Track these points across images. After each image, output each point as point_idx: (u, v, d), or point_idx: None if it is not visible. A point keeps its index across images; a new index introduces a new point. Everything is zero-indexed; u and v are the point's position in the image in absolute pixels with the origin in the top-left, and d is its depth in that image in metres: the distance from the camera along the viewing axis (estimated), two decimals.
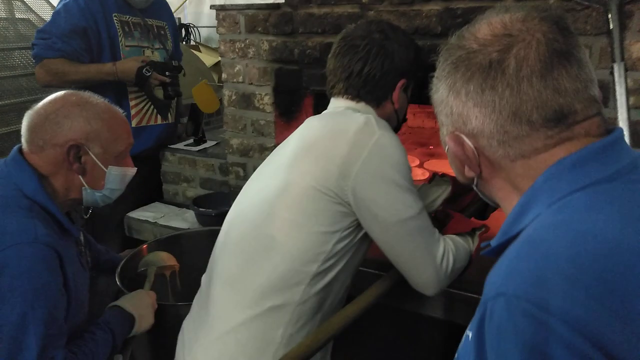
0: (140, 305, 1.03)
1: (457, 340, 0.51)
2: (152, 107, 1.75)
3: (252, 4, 1.28)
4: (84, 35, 1.57)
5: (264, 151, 1.39)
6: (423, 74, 1.02)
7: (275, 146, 1.36)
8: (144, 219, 1.57)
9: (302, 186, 0.83)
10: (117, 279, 1.12)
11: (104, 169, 0.96)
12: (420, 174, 1.86)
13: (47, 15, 2.21)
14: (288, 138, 0.99)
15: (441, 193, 1.09)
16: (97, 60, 1.61)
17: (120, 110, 1.01)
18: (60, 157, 0.92)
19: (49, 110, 0.93)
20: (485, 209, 1.13)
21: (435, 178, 1.13)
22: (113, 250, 1.28)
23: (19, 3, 2.05)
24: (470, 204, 1.11)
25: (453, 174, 0.68)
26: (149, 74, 1.55)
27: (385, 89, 0.94)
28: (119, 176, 0.99)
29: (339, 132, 0.85)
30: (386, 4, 1.13)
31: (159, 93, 1.70)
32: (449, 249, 0.87)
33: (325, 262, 0.83)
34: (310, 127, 0.93)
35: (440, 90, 0.54)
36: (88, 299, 1.00)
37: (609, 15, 0.92)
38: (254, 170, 1.42)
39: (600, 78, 0.97)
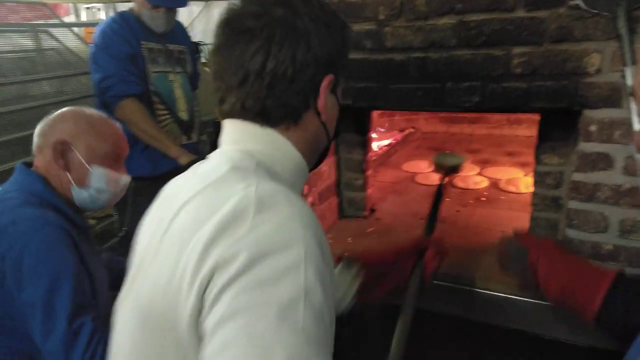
0: None
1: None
2: (177, 127, 1.83)
3: None
4: (133, 61, 1.66)
5: None
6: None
7: None
8: None
9: None
10: None
11: (88, 167, 1.06)
12: (437, 179, 1.90)
13: (71, 43, 2.31)
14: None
15: (351, 280, 0.87)
16: None
17: (117, 124, 1.14)
18: (51, 155, 1.05)
19: (50, 118, 1.09)
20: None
21: (343, 261, 0.89)
22: None
23: (44, 35, 2.15)
24: (396, 286, 0.94)
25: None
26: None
27: (304, 94, 0.64)
28: (103, 177, 1.08)
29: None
30: (402, 20, 1.19)
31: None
32: None
33: None
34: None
35: None
36: (109, 297, 1.07)
37: (618, 22, 0.96)
38: None
39: (613, 81, 1.02)
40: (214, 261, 0.50)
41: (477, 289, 1.17)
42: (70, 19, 3.84)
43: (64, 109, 1.12)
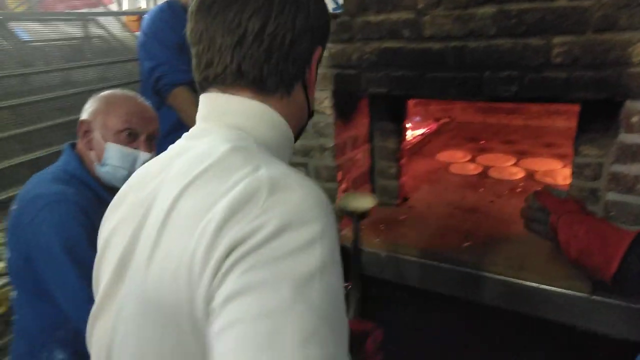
0: None
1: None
2: None
3: None
4: (181, 50, 1.71)
5: (324, 151, 1.47)
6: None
7: (334, 147, 1.45)
8: None
9: None
10: None
11: (103, 143, 1.13)
12: (473, 169, 1.90)
13: (116, 31, 2.40)
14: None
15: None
16: None
17: (140, 98, 1.20)
18: (79, 135, 1.15)
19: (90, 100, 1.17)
20: None
21: None
22: None
23: (92, 24, 2.25)
24: None
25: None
26: None
27: (299, 63, 0.63)
28: (117, 152, 1.13)
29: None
30: (441, 8, 1.19)
31: None
32: None
33: None
34: None
35: None
36: None
37: None
38: (315, 170, 1.52)
39: None
40: (230, 241, 0.48)
41: (509, 278, 1.18)
42: (113, 7, 3.96)
43: (98, 94, 1.19)
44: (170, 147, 0.66)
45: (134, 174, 0.69)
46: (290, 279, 0.46)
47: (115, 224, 0.65)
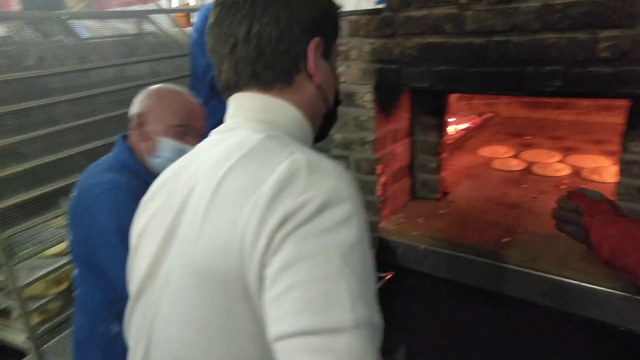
0: None
1: None
2: None
3: (355, 10, 1.40)
4: None
5: (365, 144, 1.50)
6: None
7: (374, 140, 1.47)
8: None
9: None
10: None
11: (157, 137, 1.19)
12: (516, 165, 1.87)
13: (167, 27, 2.51)
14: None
15: None
16: None
17: (190, 95, 1.26)
18: (133, 128, 1.22)
19: (142, 93, 1.25)
20: None
21: None
22: None
23: (145, 20, 2.35)
24: None
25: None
26: None
27: (292, 56, 0.69)
28: (170, 147, 1.19)
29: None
30: (484, 3, 1.18)
31: None
32: None
33: None
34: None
35: None
36: None
37: None
38: (355, 163, 1.55)
39: None
40: (280, 215, 0.54)
41: (549, 275, 1.17)
42: (162, 3, 4.10)
43: (150, 87, 1.26)
44: (201, 142, 0.74)
45: (163, 172, 0.76)
46: (337, 248, 0.53)
47: (151, 214, 0.72)
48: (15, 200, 1.70)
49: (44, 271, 1.77)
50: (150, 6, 2.75)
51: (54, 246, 1.85)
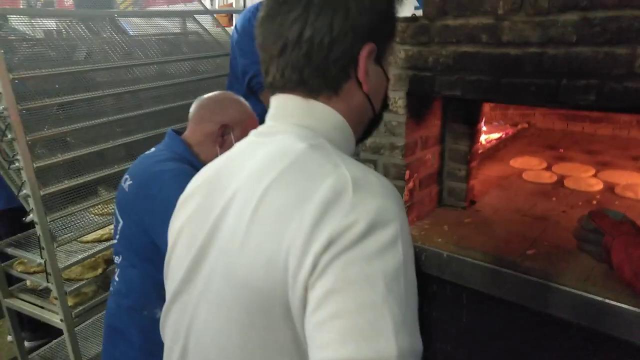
0: None
1: None
2: None
3: None
4: None
5: (394, 149, 1.52)
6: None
7: (404, 145, 1.49)
8: None
9: None
10: None
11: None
12: (548, 177, 1.85)
13: (209, 26, 2.59)
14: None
15: None
16: None
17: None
18: (211, 131, 1.31)
19: (218, 98, 1.37)
20: None
21: None
22: None
23: (190, 19, 2.44)
24: None
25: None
26: None
27: (342, 64, 0.65)
28: None
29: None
30: (521, 14, 1.19)
31: None
32: None
33: None
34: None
35: None
36: None
37: None
38: (383, 167, 1.57)
39: None
40: (326, 236, 0.53)
41: (573, 289, 1.16)
42: (206, 3, 4.21)
43: (226, 95, 1.38)
44: (239, 143, 0.73)
45: (200, 172, 0.77)
46: (382, 275, 0.52)
47: (189, 213, 0.72)
48: (59, 187, 1.80)
49: (81, 256, 1.86)
50: (194, 5, 2.83)
51: (92, 232, 1.94)
